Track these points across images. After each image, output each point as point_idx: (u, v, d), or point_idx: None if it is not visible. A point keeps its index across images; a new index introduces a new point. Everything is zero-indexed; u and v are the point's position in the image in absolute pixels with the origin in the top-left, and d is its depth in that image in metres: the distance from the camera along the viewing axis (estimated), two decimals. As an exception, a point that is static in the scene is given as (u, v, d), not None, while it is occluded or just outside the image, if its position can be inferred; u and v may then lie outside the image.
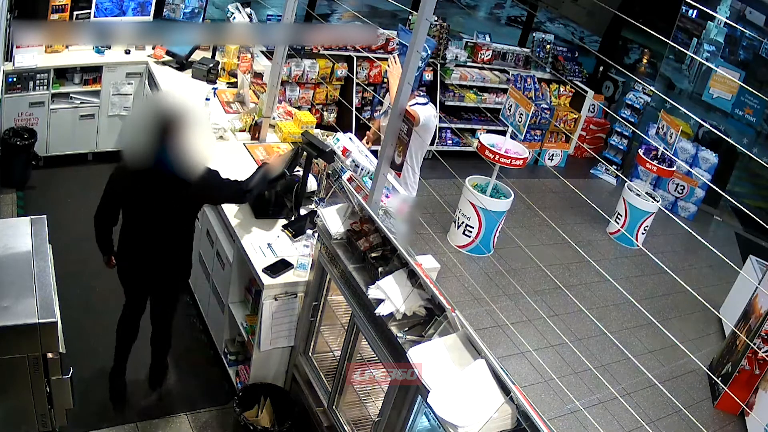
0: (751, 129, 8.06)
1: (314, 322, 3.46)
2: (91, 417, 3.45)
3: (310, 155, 3.85)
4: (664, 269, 3.99)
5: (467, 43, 7.70)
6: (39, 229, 2.77)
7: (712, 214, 8.23)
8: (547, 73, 8.13)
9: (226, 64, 5.59)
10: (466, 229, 5.81)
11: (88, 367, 3.73)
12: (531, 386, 4.46)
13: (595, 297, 5.80)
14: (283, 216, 3.90)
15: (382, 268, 2.90)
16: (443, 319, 2.66)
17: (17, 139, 4.97)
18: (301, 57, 6.41)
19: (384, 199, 3.41)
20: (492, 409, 2.26)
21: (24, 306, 2.37)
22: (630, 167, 8.18)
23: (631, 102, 8.10)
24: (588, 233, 6.89)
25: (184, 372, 3.98)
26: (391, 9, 7.99)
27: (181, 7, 5.77)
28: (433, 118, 4.41)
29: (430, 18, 2.87)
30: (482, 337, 3.33)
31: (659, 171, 6.77)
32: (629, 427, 4.33)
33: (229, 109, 5.00)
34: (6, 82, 4.84)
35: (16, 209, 4.83)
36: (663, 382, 4.70)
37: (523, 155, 5.69)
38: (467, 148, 7.52)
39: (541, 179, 7.81)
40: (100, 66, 5.31)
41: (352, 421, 3.27)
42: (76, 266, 3.79)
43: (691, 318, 5.85)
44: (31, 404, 2.51)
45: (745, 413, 4.80)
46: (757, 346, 4.63)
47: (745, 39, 7.90)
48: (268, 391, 3.57)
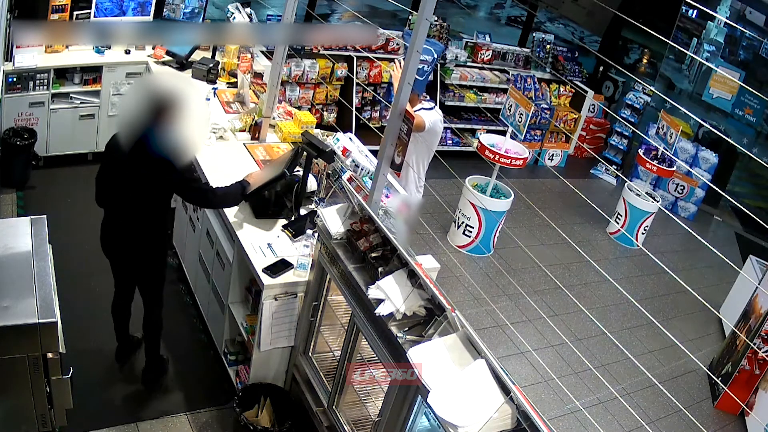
0: (751, 129, 8.06)
1: (314, 322, 3.46)
2: (91, 417, 3.45)
3: (310, 155, 3.85)
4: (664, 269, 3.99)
5: (467, 43, 7.70)
6: (39, 229, 2.77)
7: (712, 214, 8.23)
8: (547, 73, 8.13)
9: (226, 64, 5.59)
10: (466, 229, 5.81)
11: (88, 367, 3.73)
12: (531, 386, 4.46)
13: (595, 297, 5.80)
14: (283, 216, 3.90)
15: (382, 268, 2.90)
16: (443, 319, 2.66)
17: (17, 139, 4.97)
18: (301, 57, 6.41)
19: (384, 199, 3.41)
20: (492, 409, 2.26)
21: (24, 306, 2.37)
22: (630, 167, 8.18)
23: (631, 102, 8.10)
24: (588, 233, 6.89)
25: (184, 372, 3.98)
26: (391, 9, 7.99)
27: (181, 7, 5.77)
28: (440, 123, 4.39)
29: (430, 18, 2.87)
30: (482, 337, 3.33)
31: (659, 171, 6.78)
32: (629, 427, 4.33)
33: (229, 109, 5.00)
34: (6, 82, 4.85)
35: (16, 209, 4.84)
36: (663, 382, 4.70)
37: (523, 155, 5.69)
38: (467, 148, 7.52)
39: (541, 179, 7.81)
40: (100, 66, 5.31)
41: (352, 421, 3.27)
42: (76, 266, 3.79)
43: (691, 318, 5.85)
44: (31, 404, 2.51)
45: (745, 413, 4.81)
46: (757, 346, 4.63)
47: (745, 39, 7.90)
48: (268, 391, 3.57)
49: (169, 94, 3.12)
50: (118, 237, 3.43)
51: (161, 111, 3.08)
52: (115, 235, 3.44)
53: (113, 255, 3.53)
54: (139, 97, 3.14)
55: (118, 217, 3.40)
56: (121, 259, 3.53)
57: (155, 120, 3.08)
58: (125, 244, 3.43)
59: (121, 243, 3.44)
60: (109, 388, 3.74)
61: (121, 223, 3.39)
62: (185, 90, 3.31)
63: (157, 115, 3.07)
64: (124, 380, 3.83)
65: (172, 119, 3.11)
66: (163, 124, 3.09)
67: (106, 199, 3.41)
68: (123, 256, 3.51)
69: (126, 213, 3.35)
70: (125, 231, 3.39)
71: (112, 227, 3.43)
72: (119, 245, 3.46)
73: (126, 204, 3.32)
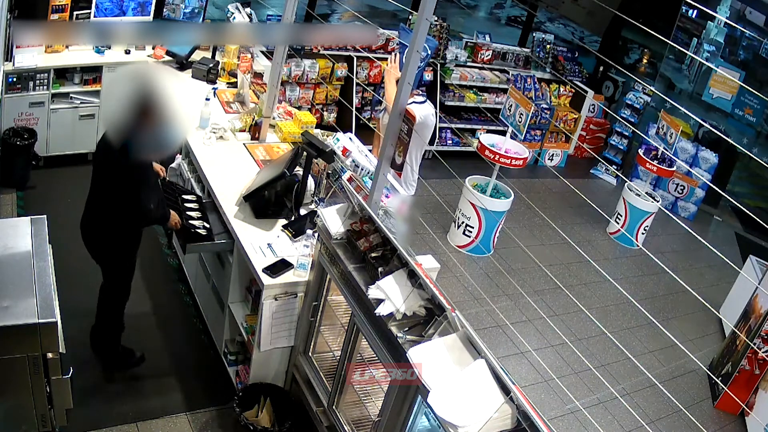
0: (751, 129, 8.06)
1: (314, 322, 3.46)
2: (91, 417, 3.45)
3: (310, 155, 3.85)
4: (664, 269, 4.00)
5: (467, 43, 7.70)
6: (39, 229, 2.78)
7: (712, 214, 8.23)
8: (547, 73, 8.13)
9: (226, 64, 5.59)
10: (466, 229, 5.81)
11: (88, 367, 3.73)
12: (531, 386, 4.46)
13: (595, 297, 5.80)
14: (283, 216, 3.90)
15: (382, 268, 2.90)
16: (443, 319, 2.66)
17: (17, 139, 4.97)
18: (301, 57, 6.41)
19: (384, 199, 3.41)
20: (492, 409, 2.26)
21: (24, 306, 2.38)
22: (630, 167, 8.18)
23: (631, 102, 8.10)
24: (588, 233, 6.89)
25: (184, 372, 3.98)
26: (391, 9, 8.00)
27: (181, 7, 5.77)
28: (431, 116, 4.41)
29: (430, 18, 2.87)
30: (482, 337, 3.33)
31: (659, 171, 6.77)
32: (629, 427, 4.33)
33: (229, 109, 5.00)
34: (6, 82, 4.84)
35: (16, 209, 4.83)
36: (663, 382, 4.70)
37: (523, 155, 5.69)
38: (467, 148, 7.52)
39: (541, 179, 7.81)
40: (100, 66, 5.31)
41: (352, 421, 3.27)
42: (76, 266, 3.79)
43: (691, 318, 5.85)
44: (31, 404, 2.52)
45: (745, 413, 4.81)
46: (757, 346, 4.63)
47: (745, 39, 7.90)
48: (268, 391, 3.58)
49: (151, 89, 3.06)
50: (91, 225, 3.55)
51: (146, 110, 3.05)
52: (88, 223, 3.56)
53: (86, 241, 3.63)
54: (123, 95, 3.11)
55: (93, 207, 3.53)
56: (91, 246, 3.62)
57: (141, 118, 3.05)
58: (96, 232, 3.55)
59: (92, 231, 3.55)
60: (109, 388, 3.73)
61: (94, 213, 3.52)
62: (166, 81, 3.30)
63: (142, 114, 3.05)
64: (124, 380, 3.82)
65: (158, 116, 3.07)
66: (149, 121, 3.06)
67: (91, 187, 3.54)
68: (93, 243, 3.61)
69: (99, 203, 3.48)
70: (97, 220, 3.52)
71: (88, 215, 3.56)
72: (90, 233, 3.57)
73: (101, 194, 3.45)
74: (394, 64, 4.60)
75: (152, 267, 4.70)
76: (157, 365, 3.98)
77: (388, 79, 4.59)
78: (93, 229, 3.54)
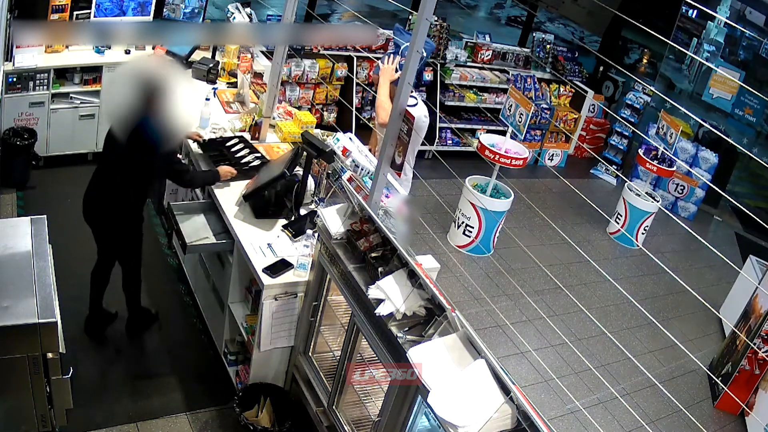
0: (751, 129, 8.06)
1: (314, 322, 3.46)
2: (91, 417, 3.45)
3: (310, 155, 3.85)
4: (664, 269, 3.99)
5: (467, 43, 7.70)
6: (39, 229, 2.78)
7: (712, 214, 8.23)
8: (547, 73, 8.13)
9: (226, 64, 5.59)
10: (466, 229, 5.81)
11: (88, 367, 3.74)
12: (531, 386, 4.46)
13: (595, 297, 5.80)
14: (283, 216, 3.90)
15: (382, 268, 2.90)
16: (443, 319, 2.66)
17: (17, 139, 4.97)
18: (301, 57, 6.41)
19: (384, 199, 3.41)
20: (492, 409, 2.26)
21: (24, 306, 2.38)
22: (630, 167, 8.18)
23: (631, 102, 8.10)
24: (588, 233, 6.89)
25: (184, 372, 3.98)
26: (391, 9, 7.99)
27: (181, 7, 5.77)
28: (424, 117, 4.38)
29: (430, 18, 2.87)
30: (482, 337, 3.33)
31: (659, 171, 6.77)
32: (629, 427, 4.33)
33: (229, 109, 5.00)
34: (6, 82, 4.84)
35: (16, 209, 4.84)
36: (663, 382, 4.70)
37: (523, 155, 5.69)
38: (467, 148, 7.52)
39: (541, 179, 7.81)
40: (100, 66, 5.30)
41: (352, 421, 3.27)
42: (76, 266, 3.80)
43: (691, 318, 5.85)
44: (31, 404, 2.52)
45: (745, 413, 4.81)
46: (757, 346, 4.63)
47: (745, 39, 7.90)
48: (268, 391, 3.57)
49: (156, 78, 3.25)
50: (99, 204, 3.63)
51: (151, 98, 3.23)
52: (96, 201, 3.64)
53: (93, 221, 3.70)
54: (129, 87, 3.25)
55: (101, 185, 3.62)
56: (100, 226, 3.71)
57: (147, 107, 3.22)
58: (105, 212, 3.63)
59: (101, 210, 3.64)
60: (109, 388, 3.73)
61: (104, 191, 3.61)
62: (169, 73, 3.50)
63: (148, 102, 3.23)
64: (124, 380, 3.83)
65: (163, 104, 3.26)
66: (155, 110, 3.24)
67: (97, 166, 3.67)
68: (101, 223, 3.69)
69: (109, 182, 3.57)
70: (106, 199, 3.60)
71: (95, 194, 3.64)
72: (99, 212, 3.65)
73: (110, 174, 3.56)
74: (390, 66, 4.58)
75: (152, 267, 4.69)
76: (157, 365, 3.98)
77: (383, 79, 4.56)
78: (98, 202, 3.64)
